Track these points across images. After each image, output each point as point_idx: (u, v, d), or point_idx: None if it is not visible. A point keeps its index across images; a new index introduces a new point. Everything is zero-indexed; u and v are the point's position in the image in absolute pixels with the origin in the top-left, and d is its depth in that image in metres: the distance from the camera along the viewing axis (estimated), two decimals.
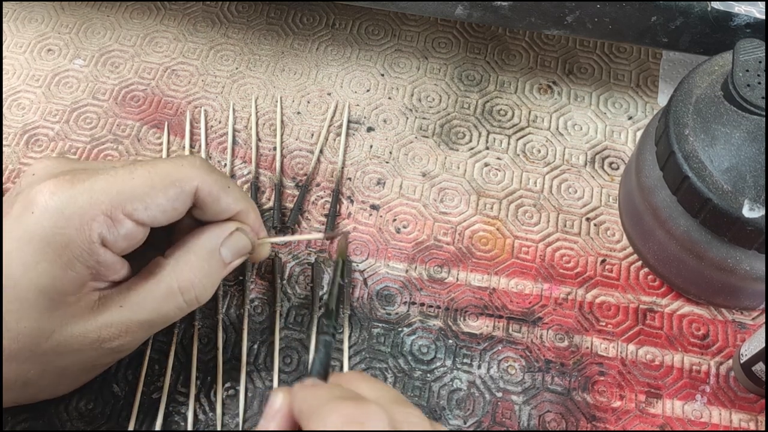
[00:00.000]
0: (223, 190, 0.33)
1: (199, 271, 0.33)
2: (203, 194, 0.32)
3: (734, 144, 0.33)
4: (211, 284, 0.33)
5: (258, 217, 0.36)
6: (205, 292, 0.33)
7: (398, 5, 0.44)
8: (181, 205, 0.32)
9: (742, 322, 0.39)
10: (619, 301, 0.40)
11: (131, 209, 0.30)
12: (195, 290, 0.33)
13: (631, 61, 0.49)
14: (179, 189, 0.32)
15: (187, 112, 0.47)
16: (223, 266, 0.34)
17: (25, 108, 0.47)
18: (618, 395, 0.37)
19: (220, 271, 0.34)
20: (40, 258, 0.29)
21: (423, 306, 0.39)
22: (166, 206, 0.31)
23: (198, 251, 0.33)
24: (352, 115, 0.47)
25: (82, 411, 0.36)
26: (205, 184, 0.32)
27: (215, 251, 0.33)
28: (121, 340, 0.31)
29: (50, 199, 0.29)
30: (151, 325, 0.32)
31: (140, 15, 0.52)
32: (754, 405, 0.37)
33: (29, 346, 0.30)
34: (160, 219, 0.32)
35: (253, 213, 0.35)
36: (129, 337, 0.32)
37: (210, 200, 0.33)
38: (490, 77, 0.49)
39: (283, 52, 0.50)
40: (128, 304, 0.31)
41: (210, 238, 0.33)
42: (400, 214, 0.43)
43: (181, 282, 0.32)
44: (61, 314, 0.30)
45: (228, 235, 0.34)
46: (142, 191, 0.31)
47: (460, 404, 0.37)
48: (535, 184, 0.44)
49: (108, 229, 0.30)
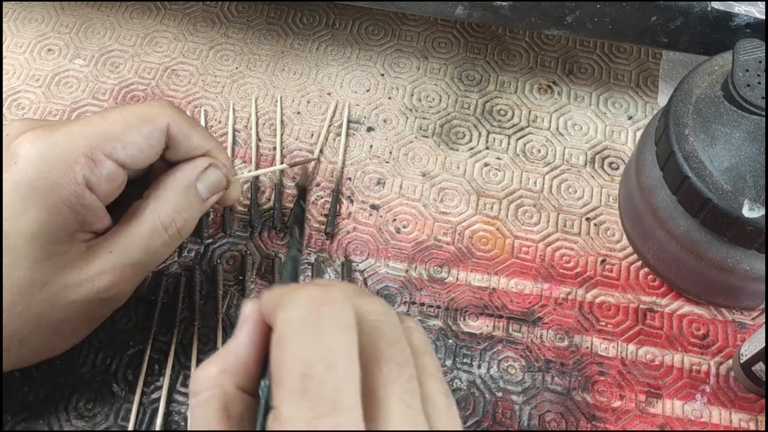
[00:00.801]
0: (192, 128, 0.34)
1: (178, 206, 0.34)
2: (174, 131, 0.34)
3: (734, 144, 0.33)
4: (191, 218, 0.35)
5: (227, 157, 0.37)
6: (186, 225, 0.34)
7: (398, 5, 0.44)
8: (156, 143, 0.33)
9: (742, 322, 0.39)
10: (619, 301, 0.40)
11: (110, 149, 0.31)
12: (176, 224, 0.34)
13: (631, 61, 0.49)
14: (152, 126, 0.33)
15: (187, 112, 0.47)
16: (200, 201, 0.35)
17: (25, 108, 0.47)
18: (618, 395, 0.37)
19: (199, 206, 0.35)
20: (27, 205, 0.30)
21: (423, 306, 0.39)
22: (143, 144, 0.33)
23: (176, 187, 0.34)
24: (352, 115, 0.47)
25: (81, 411, 0.36)
26: (176, 122, 0.34)
27: (192, 186, 0.34)
28: (117, 288, 0.32)
29: (31, 147, 0.30)
30: (144, 266, 0.33)
31: (140, 15, 0.52)
32: (754, 405, 0.37)
33: (23, 299, 0.30)
34: (138, 158, 0.33)
35: (223, 153, 0.36)
36: (124, 283, 0.32)
37: (181, 137, 0.34)
38: (490, 77, 0.49)
39: (283, 52, 0.50)
40: (117, 248, 0.32)
41: (186, 174, 0.34)
42: (400, 214, 0.43)
43: (164, 218, 0.33)
44: (52, 264, 0.30)
45: (202, 170, 0.35)
46: (118, 131, 0.32)
47: (460, 404, 0.37)
48: (535, 184, 0.44)
49: (91, 171, 0.31)
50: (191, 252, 0.41)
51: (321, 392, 0.21)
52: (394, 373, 0.23)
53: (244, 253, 0.41)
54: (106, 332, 0.38)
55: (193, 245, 0.41)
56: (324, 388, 0.21)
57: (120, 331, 0.39)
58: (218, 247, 0.41)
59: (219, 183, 0.36)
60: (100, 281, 0.32)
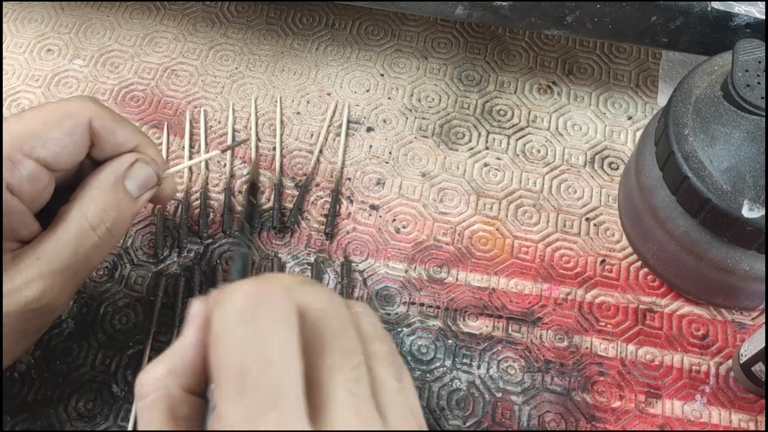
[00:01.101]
0: (117, 122, 0.33)
1: (105, 204, 0.32)
2: (98, 126, 0.32)
3: (734, 144, 0.33)
4: (122, 217, 0.33)
5: (159, 152, 0.35)
6: (117, 225, 0.33)
7: (398, 5, 0.44)
8: (79, 139, 0.32)
9: (742, 323, 0.39)
10: (618, 302, 0.40)
11: (29, 148, 0.30)
12: (106, 224, 0.32)
13: (631, 61, 0.49)
14: (73, 122, 0.31)
15: (186, 112, 0.47)
16: (131, 199, 0.33)
17: (24, 108, 0.47)
18: (618, 395, 0.37)
19: (130, 204, 0.33)
20: None
21: (422, 306, 0.39)
22: (64, 140, 0.31)
23: (101, 185, 0.32)
24: (351, 115, 0.47)
25: (81, 411, 0.36)
26: (98, 116, 0.32)
27: (119, 183, 0.33)
28: (48, 296, 0.30)
29: None
30: (75, 271, 0.32)
31: (140, 15, 0.52)
32: (753, 405, 0.37)
33: None
34: (62, 156, 0.31)
35: (152, 147, 0.35)
36: (55, 291, 0.31)
37: (105, 132, 0.33)
38: (489, 77, 0.49)
39: (282, 52, 0.50)
40: (44, 254, 0.30)
41: (111, 171, 0.33)
42: (400, 215, 0.43)
43: (91, 218, 0.32)
44: None
45: (129, 166, 0.33)
46: (36, 128, 0.31)
47: (460, 404, 0.37)
48: (535, 185, 0.44)
49: (10, 172, 0.30)
50: (191, 252, 0.41)
51: (259, 389, 0.20)
52: (339, 362, 0.22)
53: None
54: (106, 332, 0.38)
55: (192, 245, 0.41)
56: (262, 384, 0.20)
57: (120, 331, 0.39)
58: (218, 247, 0.41)
59: (148, 179, 0.34)
60: (28, 291, 0.30)
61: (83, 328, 0.39)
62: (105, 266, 0.40)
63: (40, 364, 0.37)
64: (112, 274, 0.40)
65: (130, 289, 0.40)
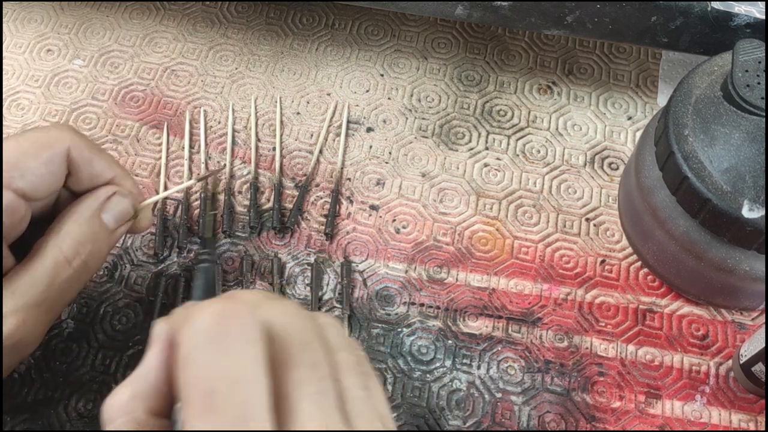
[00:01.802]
0: (94, 153, 0.33)
1: (81, 237, 0.32)
2: (75, 155, 0.32)
3: (734, 144, 0.33)
4: (98, 249, 0.33)
5: (135, 185, 0.35)
6: (93, 257, 0.32)
7: (398, 5, 0.44)
8: (57, 168, 0.32)
9: (742, 323, 0.39)
10: (618, 302, 0.40)
11: (8, 178, 0.30)
12: (82, 256, 0.32)
13: (631, 61, 0.49)
14: (51, 151, 0.31)
15: (186, 112, 0.47)
16: (107, 232, 0.33)
17: (24, 108, 0.47)
18: (617, 396, 0.37)
19: (106, 237, 0.33)
20: None
21: (422, 306, 0.39)
22: (42, 170, 0.31)
23: (77, 218, 0.32)
24: (351, 115, 0.47)
25: (81, 411, 0.36)
26: (77, 146, 0.32)
27: (95, 216, 0.33)
28: (21, 331, 0.30)
29: None
30: (50, 304, 0.31)
31: (140, 15, 0.52)
32: (753, 405, 0.37)
33: None
34: (40, 186, 0.31)
35: (129, 179, 0.35)
36: (29, 325, 0.30)
37: (82, 162, 0.32)
38: (489, 77, 0.49)
39: (282, 53, 0.50)
40: (19, 288, 0.30)
41: (87, 204, 0.33)
42: (400, 215, 0.43)
43: (66, 251, 0.31)
44: None
45: (106, 199, 0.33)
46: (15, 159, 0.30)
47: (460, 405, 0.37)
48: (535, 185, 0.44)
49: None
50: (191, 252, 0.41)
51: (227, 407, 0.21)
52: (306, 375, 0.23)
53: (243, 253, 0.41)
54: (106, 332, 0.38)
55: (192, 245, 0.41)
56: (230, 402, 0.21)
57: (120, 331, 0.39)
58: (218, 247, 0.41)
59: (125, 211, 0.34)
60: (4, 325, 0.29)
61: (83, 328, 0.39)
62: (105, 267, 0.40)
63: (40, 364, 0.37)
64: (112, 275, 0.40)
65: (130, 289, 0.40)
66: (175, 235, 0.42)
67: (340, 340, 0.25)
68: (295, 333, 0.23)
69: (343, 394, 0.23)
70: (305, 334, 0.24)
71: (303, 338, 0.23)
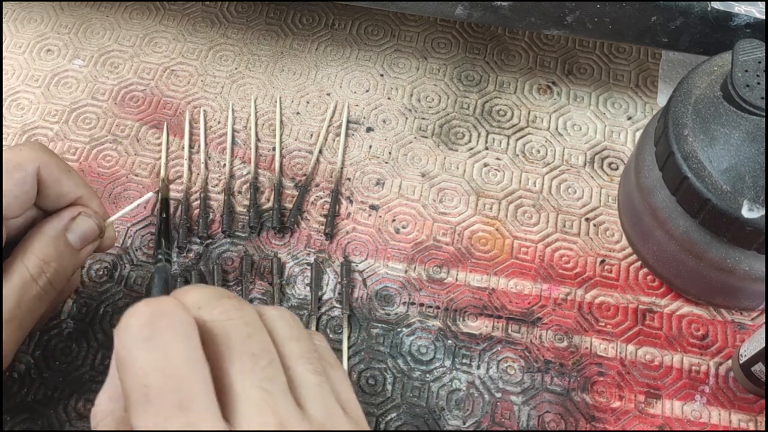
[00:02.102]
0: (63, 172, 0.33)
1: (46, 255, 0.32)
2: (44, 174, 0.33)
3: (733, 144, 0.33)
4: (62, 268, 0.33)
5: (100, 204, 0.36)
6: (58, 276, 0.33)
7: (398, 5, 0.44)
8: (29, 188, 0.32)
9: (742, 323, 0.39)
10: (618, 302, 0.40)
11: None
12: (46, 275, 0.32)
13: (631, 61, 0.49)
14: (23, 172, 0.32)
15: (186, 112, 0.47)
16: (73, 251, 0.34)
17: (24, 108, 0.47)
18: (617, 395, 0.37)
19: (72, 256, 0.34)
20: None
21: (422, 306, 0.39)
22: (15, 191, 0.32)
23: (42, 238, 0.33)
24: (351, 115, 0.47)
25: (81, 411, 0.36)
26: (45, 165, 0.33)
27: (60, 236, 0.33)
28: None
29: None
30: (19, 322, 0.31)
31: (140, 15, 0.52)
32: (753, 405, 0.37)
33: None
34: (12, 206, 0.32)
35: (96, 199, 0.35)
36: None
37: (51, 181, 0.33)
38: (489, 77, 0.49)
39: (282, 53, 0.50)
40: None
41: (53, 224, 0.33)
42: (400, 215, 0.43)
43: (32, 269, 0.32)
44: None
45: (71, 219, 0.34)
46: None
47: (460, 404, 0.37)
48: (535, 185, 0.44)
49: None
50: (191, 252, 0.41)
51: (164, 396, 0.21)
52: (248, 364, 0.23)
53: (243, 253, 0.41)
54: (106, 333, 0.38)
55: (192, 245, 0.41)
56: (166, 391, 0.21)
57: None
58: (218, 247, 0.41)
59: (90, 231, 0.34)
60: None
61: (83, 328, 0.39)
62: (104, 266, 0.40)
63: (40, 364, 0.37)
64: (111, 274, 0.40)
65: (129, 289, 0.40)
66: (175, 235, 0.42)
67: (289, 330, 0.25)
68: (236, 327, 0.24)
69: (294, 380, 0.24)
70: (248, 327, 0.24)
71: (244, 330, 0.24)
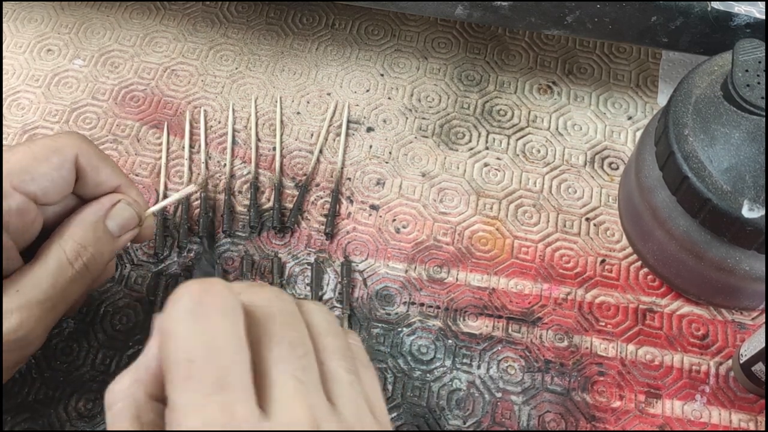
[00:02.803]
0: (102, 160, 0.34)
1: (83, 240, 0.33)
2: (83, 162, 0.33)
3: (734, 144, 0.33)
4: (99, 254, 0.33)
5: (139, 194, 0.36)
6: (95, 261, 0.33)
7: (398, 5, 0.44)
8: (67, 174, 0.33)
9: (742, 323, 0.39)
10: (618, 302, 0.40)
11: (18, 182, 0.31)
12: (83, 258, 0.32)
13: (631, 61, 0.49)
14: (61, 157, 0.32)
15: (186, 112, 0.47)
16: (111, 238, 0.34)
17: (24, 108, 0.47)
18: (617, 395, 0.37)
19: (110, 243, 0.34)
20: None
21: (422, 306, 0.39)
22: (53, 174, 0.32)
23: (80, 222, 0.33)
24: (351, 115, 0.47)
25: (81, 411, 0.36)
26: (84, 153, 0.33)
27: (99, 222, 0.33)
28: (25, 328, 0.31)
29: None
30: (54, 303, 0.32)
31: (140, 15, 0.52)
32: (753, 405, 0.37)
33: None
34: (50, 191, 0.32)
35: (134, 189, 0.36)
36: (32, 323, 0.31)
37: (90, 169, 0.33)
38: (489, 77, 0.49)
39: (282, 52, 0.50)
40: (24, 286, 0.31)
41: (92, 209, 0.34)
42: (400, 215, 0.43)
43: (69, 252, 0.32)
44: None
45: (111, 206, 0.34)
46: (26, 163, 0.31)
47: (460, 404, 0.37)
48: (535, 185, 0.44)
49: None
50: (191, 252, 0.41)
51: (205, 373, 0.21)
52: (286, 352, 0.23)
53: (243, 253, 0.41)
54: (106, 332, 0.38)
55: (192, 245, 0.41)
56: (208, 369, 0.21)
57: (120, 331, 0.39)
58: (218, 247, 0.41)
59: (130, 219, 0.35)
60: (7, 321, 0.30)
61: (83, 328, 0.39)
62: None
63: (40, 363, 0.37)
64: None
65: (130, 289, 0.40)
66: (175, 235, 0.42)
67: (327, 325, 0.26)
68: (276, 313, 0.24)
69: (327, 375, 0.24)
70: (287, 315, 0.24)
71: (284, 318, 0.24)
